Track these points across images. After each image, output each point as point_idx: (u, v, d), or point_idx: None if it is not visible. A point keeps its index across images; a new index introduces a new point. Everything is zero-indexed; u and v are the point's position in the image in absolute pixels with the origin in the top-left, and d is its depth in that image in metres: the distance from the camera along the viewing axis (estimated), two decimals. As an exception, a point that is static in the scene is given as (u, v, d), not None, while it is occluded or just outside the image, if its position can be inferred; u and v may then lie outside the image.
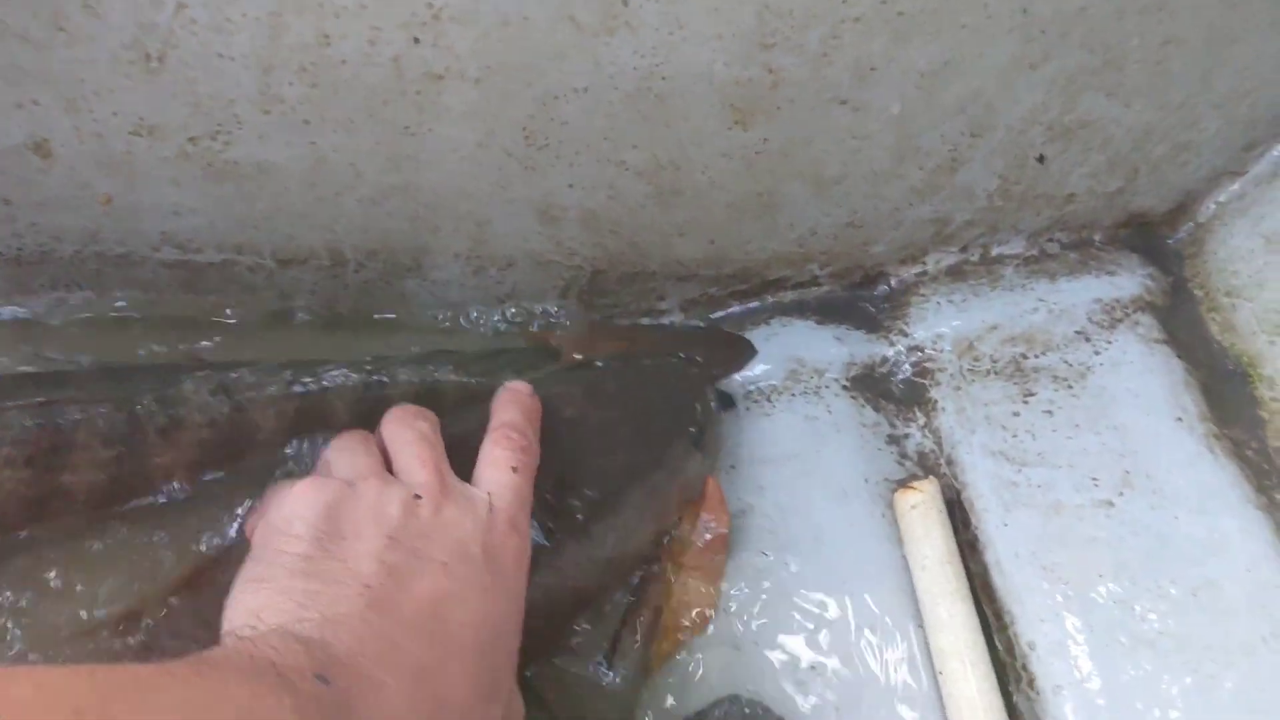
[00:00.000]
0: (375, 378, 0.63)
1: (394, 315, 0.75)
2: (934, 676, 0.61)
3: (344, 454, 0.53)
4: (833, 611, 0.64)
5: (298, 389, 0.60)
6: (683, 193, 0.70)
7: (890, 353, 0.75)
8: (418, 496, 0.49)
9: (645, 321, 0.79)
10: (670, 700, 0.61)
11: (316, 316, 0.74)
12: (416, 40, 0.59)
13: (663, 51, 0.61)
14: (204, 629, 0.47)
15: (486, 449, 0.55)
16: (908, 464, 0.71)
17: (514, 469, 0.53)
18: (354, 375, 0.62)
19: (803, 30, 0.62)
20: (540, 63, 0.61)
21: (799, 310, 0.78)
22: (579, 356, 0.72)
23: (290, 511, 0.47)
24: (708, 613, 0.63)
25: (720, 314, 0.78)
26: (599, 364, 0.69)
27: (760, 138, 0.67)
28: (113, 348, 0.68)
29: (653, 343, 0.77)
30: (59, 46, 0.56)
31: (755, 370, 0.74)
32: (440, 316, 0.75)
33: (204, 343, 0.71)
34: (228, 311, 0.73)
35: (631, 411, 0.64)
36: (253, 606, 0.43)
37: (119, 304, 0.71)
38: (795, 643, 0.63)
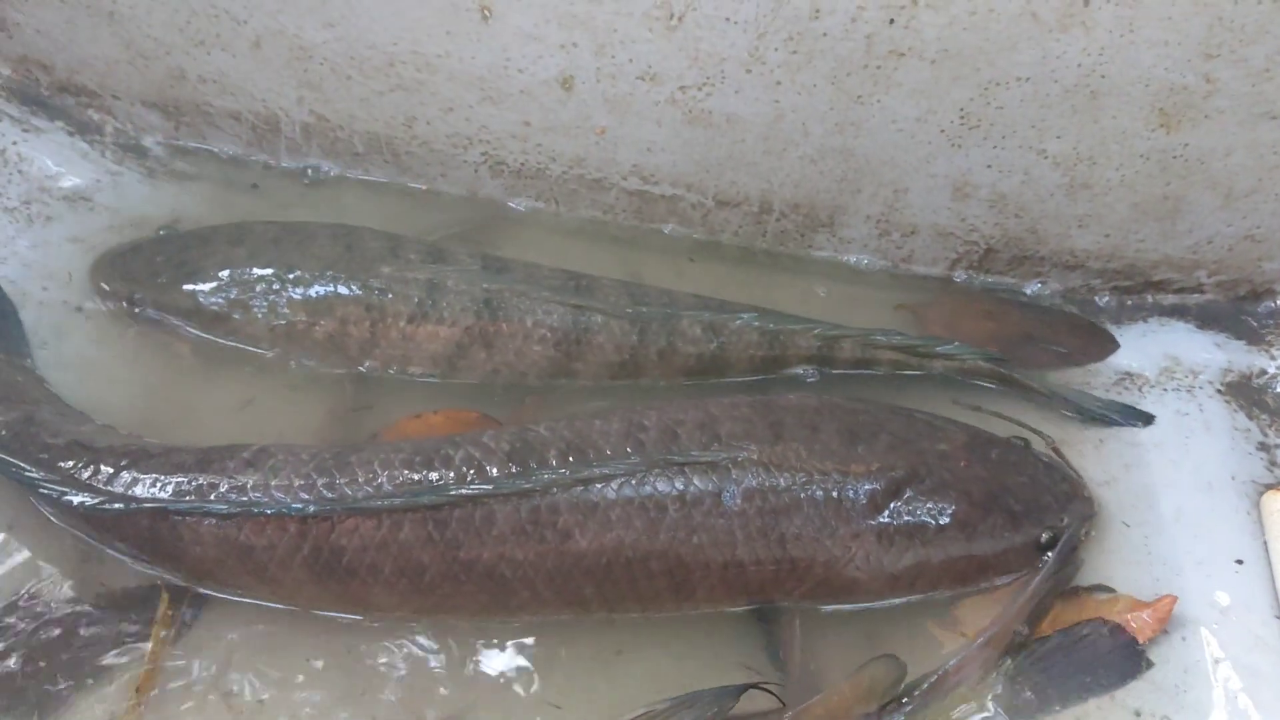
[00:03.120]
0: (822, 349, 0.75)
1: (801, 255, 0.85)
2: (1289, 663, 0.64)
3: None
4: (1183, 588, 0.68)
5: (766, 340, 0.74)
6: (1092, 186, 0.76)
7: (1271, 366, 0.78)
8: None
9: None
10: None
11: (734, 251, 0.86)
12: (891, 21, 0.68)
13: (1109, 52, 0.68)
14: None
15: None
16: (1277, 471, 0.73)
17: None
18: (810, 337, 0.75)
19: (1250, 44, 0.66)
20: (993, 51, 0.69)
21: (1178, 313, 0.81)
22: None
23: None
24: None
25: (1098, 305, 0.83)
26: (1006, 439, 0.71)
27: (1181, 143, 0.72)
28: (572, 253, 0.83)
29: (1018, 322, 0.82)
30: (609, 0, 0.70)
31: (1130, 360, 0.78)
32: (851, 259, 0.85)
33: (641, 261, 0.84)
34: (666, 229, 0.86)
35: (998, 480, 0.66)
36: None
37: (581, 219, 0.86)
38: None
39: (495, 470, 0.61)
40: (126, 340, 0.75)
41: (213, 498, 0.60)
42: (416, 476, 0.60)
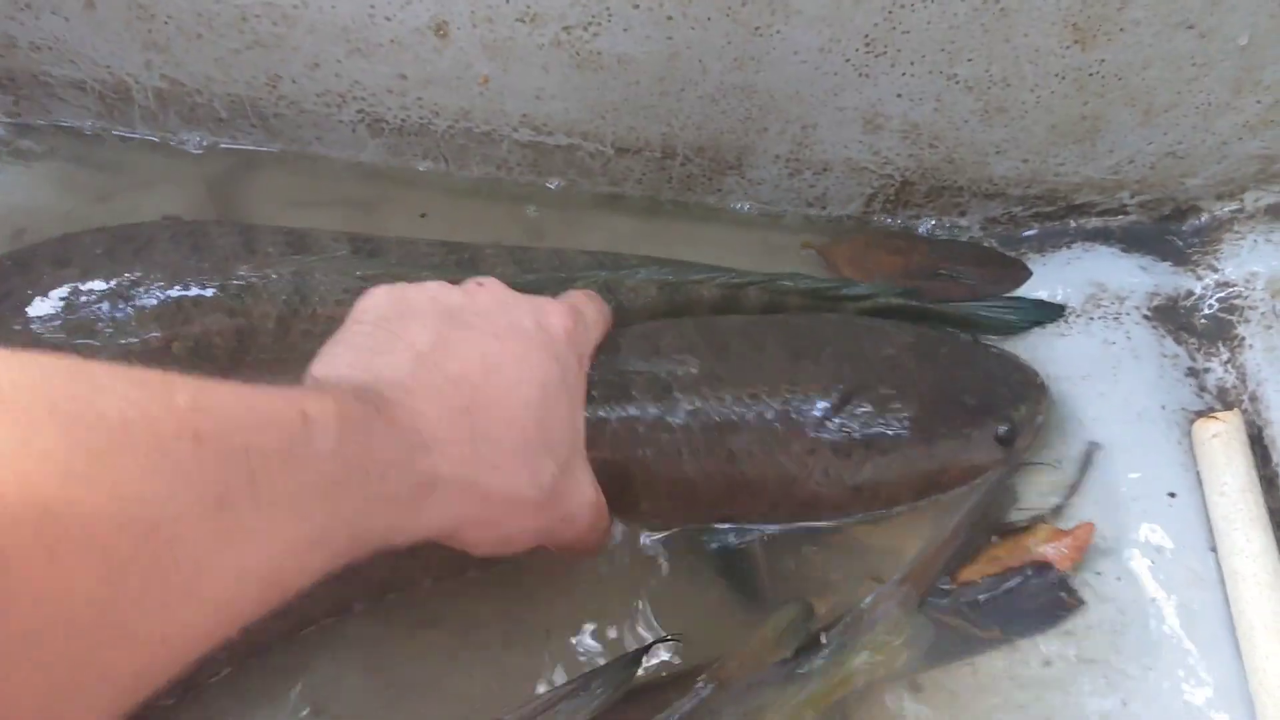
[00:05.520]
0: (726, 298, 0.71)
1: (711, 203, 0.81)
2: (1224, 599, 0.62)
3: None
4: (1117, 525, 0.66)
5: (666, 294, 0.70)
6: (1007, 110, 0.72)
7: (1197, 287, 0.75)
8: (480, 285, 0.56)
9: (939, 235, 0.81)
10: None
11: (639, 202, 0.81)
12: (785, -56, 0.63)
13: (1017, -35, 0.63)
14: None
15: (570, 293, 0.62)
16: (1206, 397, 0.71)
17: (585, 308, 0.61)
18: (713, 287, 0.70)
19: (1164, -50, 0.62)
20: (895, -29, 0.64)
21: (1102, 237, 0.78)
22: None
23: (364, 304, 0.54)
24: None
25: (1021, 235, 0.80)
26: (948, 331, 0.71)
27: (1097, 59, 0.68)
28: (466, 214, 0.78)
29: (927, 256, 0.79)
30: (476, -64, 0.64)
31: (1056, 289, 0.75)
32: (748, 208, 0.81)
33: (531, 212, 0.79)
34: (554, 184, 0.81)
35: (949, 376, 0.65)
36: (313, 373, 0.49)
37: (473, 177, 0.80)
38: (1077, 550, 0.65)
39: None
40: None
41: None
42: None
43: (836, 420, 0.62)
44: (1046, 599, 0.63)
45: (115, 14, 0.70)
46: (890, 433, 0.62)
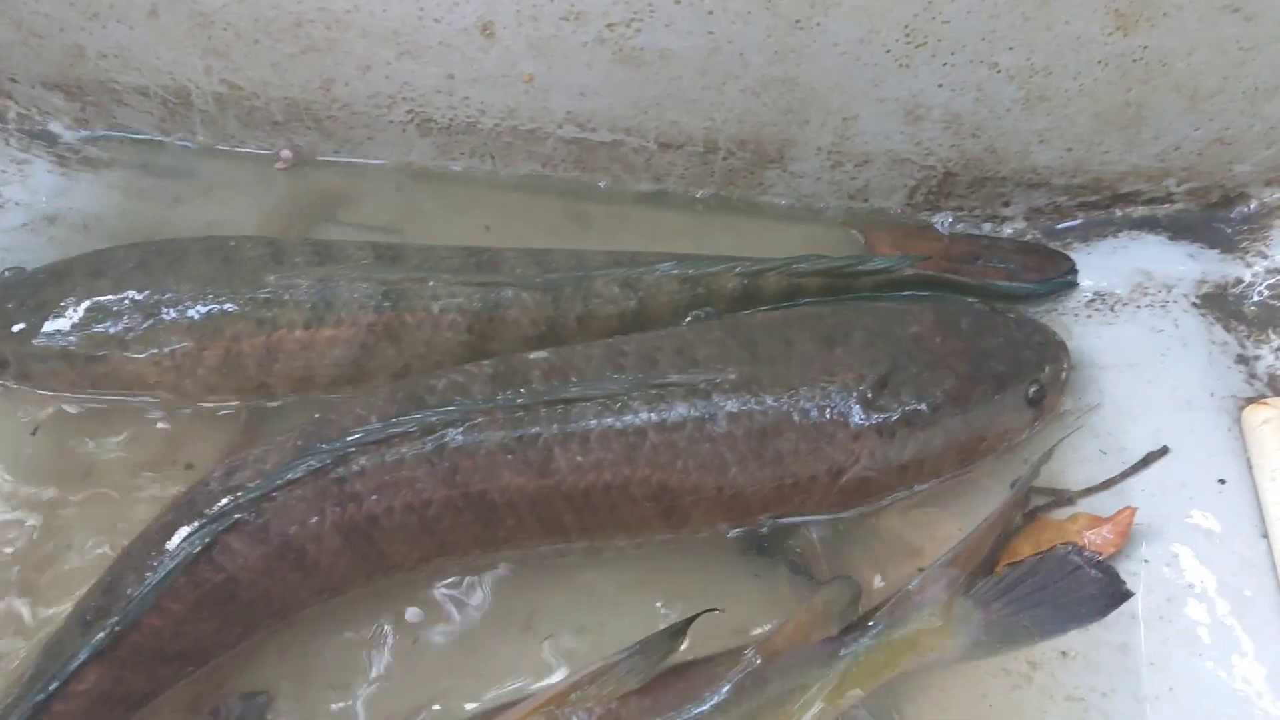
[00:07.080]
0: (748, 286, 0.72)
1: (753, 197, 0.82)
2: (1276, 585, 0.61)
3: None
4: (1165, 512, 0.65)
5: (688, 287, 0.71)
6: (1050, 99, 0.72)
7: (1247, 274, 0.74)
8: None
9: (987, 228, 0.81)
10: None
11: (681, 197, 0.82)
12: (823, -63, 0.64)
13: (1057, -48, 0.63)
14: None
15: None
16: (1256, 384, 0.70)
17: None
18: (733, 276, 0.72)
19: (1208, -67, 0.62)
20: (935, -39, 0.65)
21: (1149, 225, 0.78)
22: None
23: None
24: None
25: (1065, 224, 0.79)
26: (969, 301, 0.73)
27: (1140, 45, 0.68)
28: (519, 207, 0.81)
29: (964, 243, 0.79)
30: (521, -63, 0.65)
31: (1101, 279, 0.75)
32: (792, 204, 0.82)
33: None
34: (601, 185, 0.82)
35: (976, 348, 0.67)
36: None
37: (521, 173, 0.82)
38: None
39: (480, 394, 0.61)
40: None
41: (224, 508, 0.58)
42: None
43: (877, 404, 0.63)
44: (1093, 589, 0.62)
45: (176, 21, 0.73)
46: (929, 408, 0.64)
